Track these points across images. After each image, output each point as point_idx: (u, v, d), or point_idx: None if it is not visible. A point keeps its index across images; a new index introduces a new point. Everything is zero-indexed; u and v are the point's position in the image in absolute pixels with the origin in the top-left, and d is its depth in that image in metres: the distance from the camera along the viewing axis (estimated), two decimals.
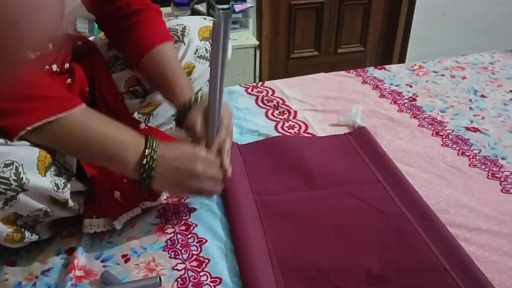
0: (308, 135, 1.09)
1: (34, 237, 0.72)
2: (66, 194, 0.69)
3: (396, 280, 0.70)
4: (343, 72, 1.40)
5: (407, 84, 1.33)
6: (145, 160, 0.69)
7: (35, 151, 0.65)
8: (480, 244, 0.77)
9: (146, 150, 0.69)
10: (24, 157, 0.63)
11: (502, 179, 0.93)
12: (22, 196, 0.63)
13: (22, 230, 0.69)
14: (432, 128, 1.11)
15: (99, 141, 0.68)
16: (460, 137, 1.07)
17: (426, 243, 0.76)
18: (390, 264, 0.72)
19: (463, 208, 0.85)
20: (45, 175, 0.65)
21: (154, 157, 0.69)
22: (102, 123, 0.70)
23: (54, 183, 0.67)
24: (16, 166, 0.62)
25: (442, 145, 1.05)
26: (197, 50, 0.96)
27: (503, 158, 0.99)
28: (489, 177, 0.94)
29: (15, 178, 0.62)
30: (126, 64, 0.93)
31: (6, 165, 0.61)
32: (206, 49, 0.98)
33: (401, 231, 0.79)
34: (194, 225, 0.81)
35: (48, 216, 0.70)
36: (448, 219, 0.81)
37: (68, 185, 0.70)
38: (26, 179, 0.63)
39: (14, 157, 0.62)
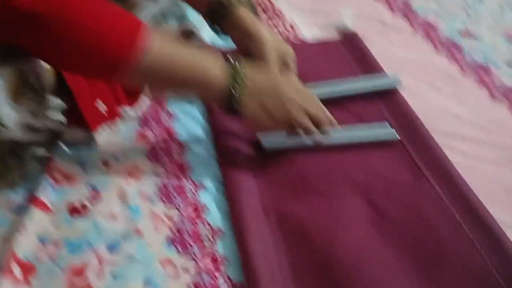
0: (294, 37, 1.04)
1: None
2: (42, 120, 0.65)
3: (379, 190, 0.70)
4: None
5: None
6: (231, 76, 0.64)
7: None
8: (465, 152, 0.77)
9: (231, 67, 0.64)
10: None
11: (492, 87, 0.91)
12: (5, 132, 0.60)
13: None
14: (425, 33, 1.07)
15: (183, 68, 0.62)
16: (454, 43, 1.03)
17: (408, 153, 0.75)
18: (373, 173, 0.72)
19: (450, 116, 0.84)
20: (18, 101, 0.60)
21: (242, 73, 0.64)
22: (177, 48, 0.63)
23: (29, 109, 0.62)
24: None
25: (434, 51, 1.01)
26: None
27: (494, 65, 0.97)
28: (479, 84, 0.92)
29: None
30: None
31: None
32: None
33: (386, 140, 0.78)
34: (175, 131, 0.79)
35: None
36: (434, 127, 0.80)
37: (45, 110, 0.64)
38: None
39: None
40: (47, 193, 0.67)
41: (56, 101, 0.69)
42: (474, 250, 0.62)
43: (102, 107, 0.74)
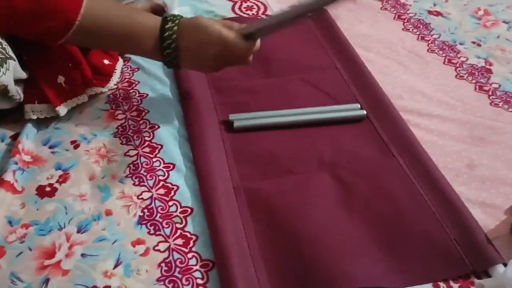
0: (267, 17, 1.03)
1: None
2: (2, 78, 0.64)
3: (346, 166, 0.71)
4: None
5: None
6: (166, 33, 0.66)
7: None
8: (430, 129, 0.79)
9: (167, 24, 0.67)
10: None
11: (457, 65, 0.93)
12: None
13: None
14: (395, 11, 1.08)
15: (118, 27, 0.66)
16: (422, 21, 1.04)
17: (376, 130, 0.77)
18: (341, 151, 0.73)
19: (417, 94, 0.85)
20: None
21: (175, 29, 0.66)
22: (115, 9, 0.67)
23: None
24: None
25: (403, 29, 1.02)
26: None
27: (461, 44, 0.98)
28: (446, 62, 0.93)
29: None
30: None
31: None
32: None
33: (354, 117, 0.79)
34: (146, 111, 0.79)
35: None
36: (401, 105, 0.82)
37: (4, 67, 0.63)
38: None
39: None
40: (14, 174, 0.66)
41: (17, 69, 0.68)
42: (437, 224, 0.64)
43: (63, 82, 0.73)
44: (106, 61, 0.83)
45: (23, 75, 0.69)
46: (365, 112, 0.79)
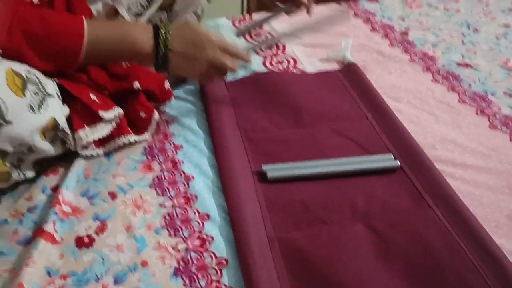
0: (297, 70, 1.06)
1: (21, 177, 0.72)
2: (44, 115, 0.68)
3: (380, 216, 0.70)
4: (333, 5, 1.35)
5: (399, 17, 1.29)
6: (161, 37, 0.75)
7: (1, 75, 0.62)
8: (465, 179, 0.78)
9: (160, 30, 0.76)
10: None
11: (490, 115, 0.92)
12: (5, 129, 0.62)
13: (9, 170, 0.68)
14: (423, 63, 1.09)
15: (117, 31, 0.75)
16: (451, 73, 1.05)
17: (410, 180, 0.76)
18: (374, 200, 0.73)
19: (450, 144, 0.85)
20: (24, 95, 0.64)
21: (169, 32, 0.76)
22: (110, 26, 0.77)
23: (30, 105, 0.65)
24: None
25: (432, 80, 1.03)
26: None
27: (492, 94, 0.98)
28: (478, 113, 0.93)
29: None
30: None
31: None
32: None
33: (386, 167, 0.79)
34: (181, 162, 0.81)
35: (32, 152, 0.69)
36: (434, 155, 0.81)
37: (44, 104, 0.68)
38: (5, 108, 0.61)
39: None
40: (54, 225, 0.67)
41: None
42: (478, 277, 0.62)
43: (96, 98, 0.78)
44: (142, 114, 0.86)
45: (65, 111, 0.73)
46: (398, 163, 0.79)
